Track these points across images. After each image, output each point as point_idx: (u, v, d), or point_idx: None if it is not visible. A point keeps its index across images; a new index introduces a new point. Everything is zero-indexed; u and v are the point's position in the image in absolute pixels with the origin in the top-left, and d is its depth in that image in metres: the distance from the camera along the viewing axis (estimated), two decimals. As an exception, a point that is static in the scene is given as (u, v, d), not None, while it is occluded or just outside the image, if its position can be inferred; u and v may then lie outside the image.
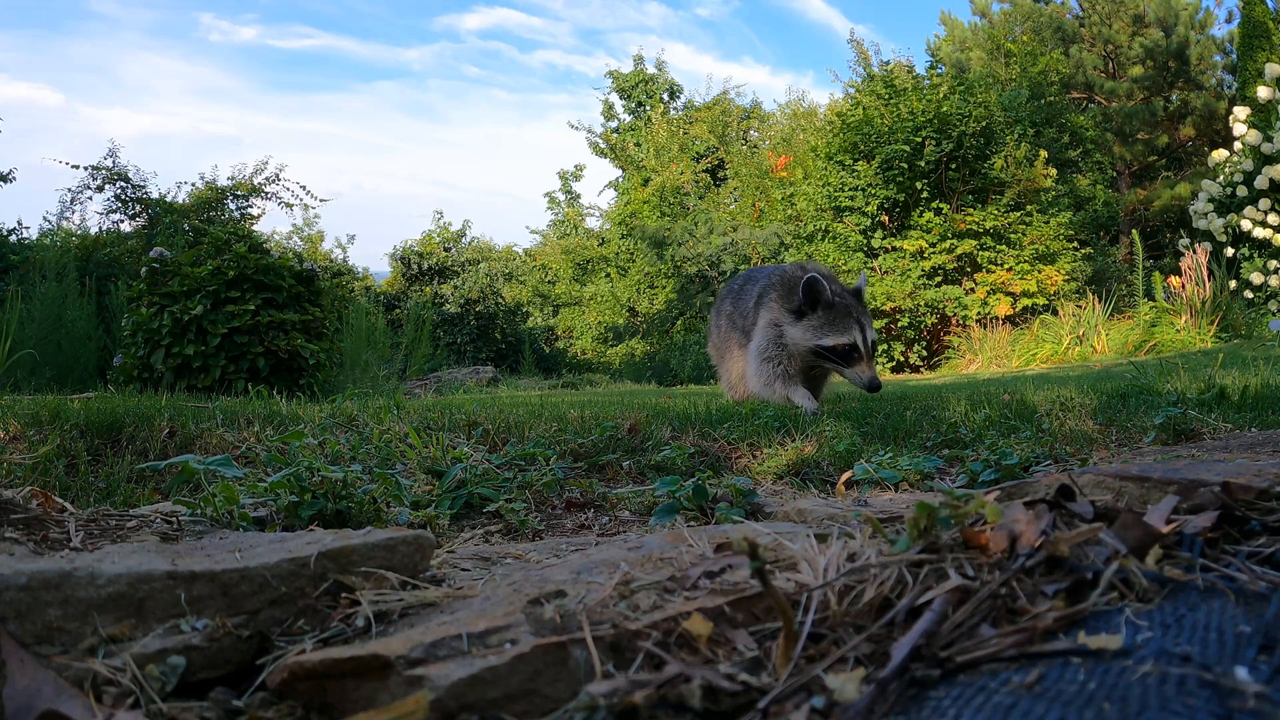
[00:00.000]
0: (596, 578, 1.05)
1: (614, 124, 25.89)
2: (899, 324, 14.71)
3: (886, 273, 14.88)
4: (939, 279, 14.77)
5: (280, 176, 14.85)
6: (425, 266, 21.26)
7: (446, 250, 21.99)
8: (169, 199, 13.71)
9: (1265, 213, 11.86)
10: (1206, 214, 12.74)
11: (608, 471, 2.85)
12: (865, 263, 15.03)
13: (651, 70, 25.84)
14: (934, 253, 14.63)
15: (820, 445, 2.91)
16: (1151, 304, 11.58)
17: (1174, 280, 11.77)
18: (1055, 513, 0.99)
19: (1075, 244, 15.51)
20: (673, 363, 16.24)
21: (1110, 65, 22.58)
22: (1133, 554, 0.86)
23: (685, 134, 23.84)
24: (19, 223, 13.43)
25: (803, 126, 22.07)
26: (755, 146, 24.49)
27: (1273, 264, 11.69)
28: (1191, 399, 3.46)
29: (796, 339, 4.12)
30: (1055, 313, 13.03)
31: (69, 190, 13.68)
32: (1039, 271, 14.45)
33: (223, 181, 14.62)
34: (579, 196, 26.55)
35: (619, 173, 25.36)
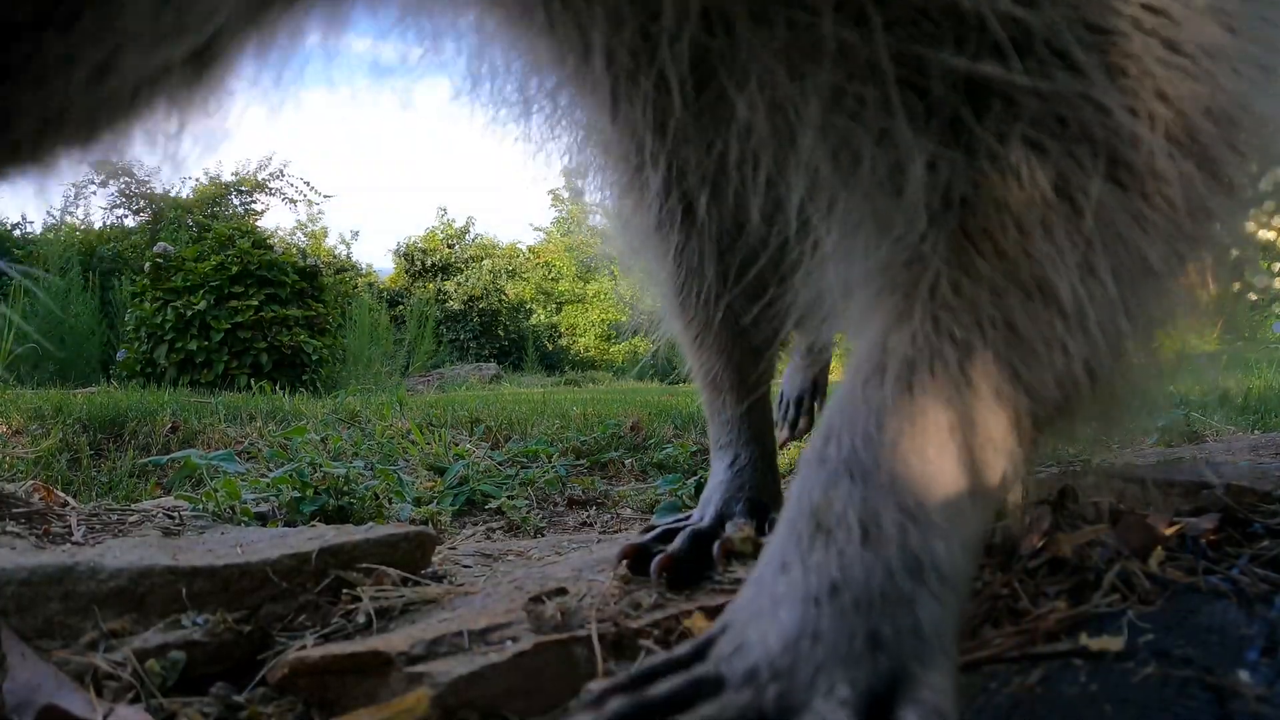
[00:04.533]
0: (598, 575, 1.05)
1: (619, 121, 25.83)
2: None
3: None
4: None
5: (284, 172, 14.87)
6: (428, 263, 21.26)
7: (450, 247, 21.98)
8: (173, 194, 13.73)
9: (1270, 215, 11.85)
10: (1211, 216, 12.73)
11: (610, 469, 2.85)
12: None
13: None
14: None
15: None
16: (1155, 305, 11.57)
17: (1178, 282, 11.76)
18: (1058, 514, 0.99)
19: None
20: (676, 361, 16.23)
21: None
22: (1135, 555, 0.85)
23: (690, 132, 23.76)
24: (23, 217, 13.44)
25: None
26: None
27: (1277, 266, 11.68)
28: (1194, 401, 3.45)
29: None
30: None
31: (72, 185, 13.69)
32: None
33: (227, 177, 14.65)
34: (583, 193, 26.48)
35: (623, 170, 25.28)
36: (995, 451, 0.69)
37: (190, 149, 0.70)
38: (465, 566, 1.32)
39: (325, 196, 16.25)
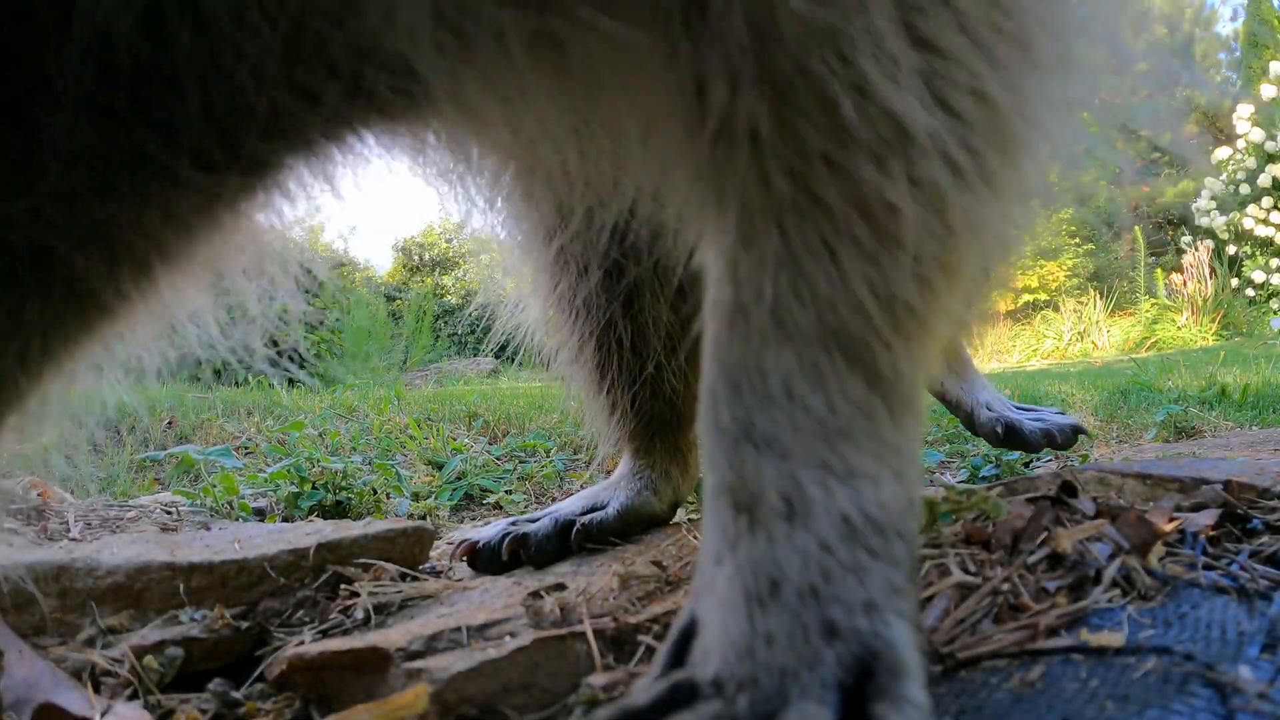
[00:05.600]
0: (597, 570, 1.05)
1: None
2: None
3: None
4: (940, 274, 14.70)
5: (282, 167, 14.81)
6: (426, 258, 21.22)
7: (448, 242, 21.95)
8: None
9: (1268, 211, 11.84)
10: (1209, 211, 12.72)
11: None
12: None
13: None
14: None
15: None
16: (1153, 301, 11.57)
17: (1175, 277, 11.76)
18: (1057, 509, 0.98)
19: (1077, 240, 15.47)
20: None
21: (1113, 61, 22.49)
22: (1135, 551, 0.85)
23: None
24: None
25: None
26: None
27: (1275, 262, 11.68)
28: (1193, 396, 3.46)
29: None
30: (1056, 308, 13.02)
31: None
32: (1040, 267, 14.41)
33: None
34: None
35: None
36: (897, 362, 0.62)
37: None
38: (463, 561, 1.32)
39: (323, 190, 16.15)
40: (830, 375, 0.60)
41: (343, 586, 1.02)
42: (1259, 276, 11.68)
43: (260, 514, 1.81)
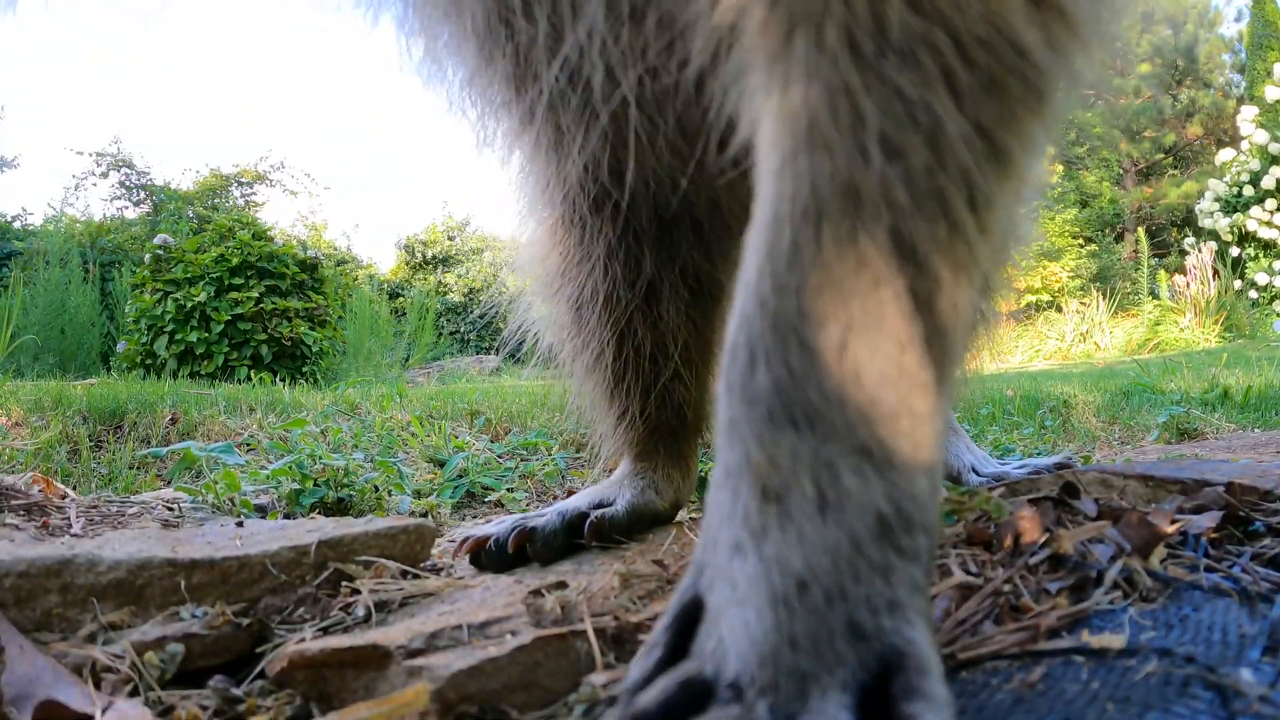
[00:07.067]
0: (598, 569, 1.05)
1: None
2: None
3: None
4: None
5: (285, 164, 14.89)
6: (429, 255, 21.23)
7: (451, 239, 21.96)
8: (173, 186, 13.74)
9: (1271, 213, 11.83)
10: (1212, 213, 12.71)
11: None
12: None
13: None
14: (938, 248, 14.55)
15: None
16: (1156, 302, 11.56)
17: (1178, 279, 11.75)
18: (1059, 510, 0.98)
19: (1080, 241, 15.46)
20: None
21: (1118, 62, 22.48)
22: (1137, 553, 0.85)
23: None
24: (23, 209, 13.46)
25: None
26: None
27: (1278, 264, 11.67)
28: (1195, 398, 3.45)
29: None
30: (1059, 309, 13.01)
31: (73, 177, 13.73)
32: (1043, 268, 14.40)
33: (227, 169, 14.65)
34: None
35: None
36: (957, 302, 0.56)
37: None
38: (465, 559, 1.32)
39: (326, 188, 16.25)
40: (893, 328, 0.53)
41: (344, 584, 1.02)
42: (1262, 279, 11.67)
43: (262, 511, 1.81)
